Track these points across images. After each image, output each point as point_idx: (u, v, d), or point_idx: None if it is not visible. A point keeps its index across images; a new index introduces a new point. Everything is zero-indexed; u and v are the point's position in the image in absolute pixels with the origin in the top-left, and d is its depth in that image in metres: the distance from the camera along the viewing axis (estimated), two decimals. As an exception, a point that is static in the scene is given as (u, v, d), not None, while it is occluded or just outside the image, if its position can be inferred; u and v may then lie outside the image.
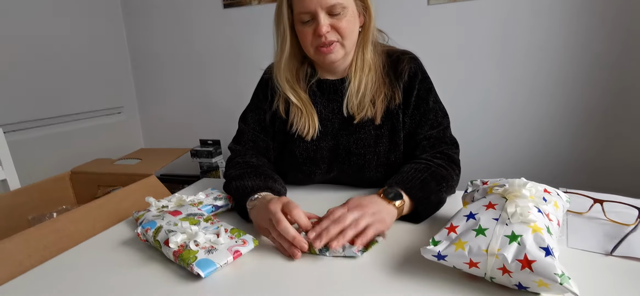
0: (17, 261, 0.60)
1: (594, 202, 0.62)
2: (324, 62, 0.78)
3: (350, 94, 0.79)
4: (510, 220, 0.45)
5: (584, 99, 1.52)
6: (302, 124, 0.80)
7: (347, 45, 0.76)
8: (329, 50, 0.74)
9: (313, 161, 0.81)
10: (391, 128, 0.79)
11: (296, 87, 0.81)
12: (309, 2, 0.70)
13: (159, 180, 0.93)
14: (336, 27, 0.72)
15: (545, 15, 1.49)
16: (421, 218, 0.66)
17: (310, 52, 0.77)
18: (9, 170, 1.07)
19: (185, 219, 0.62)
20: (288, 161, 0.84)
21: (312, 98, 0.82)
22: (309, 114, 0.80)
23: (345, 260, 0.54)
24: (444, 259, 0.46)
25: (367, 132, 0.79)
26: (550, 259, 0.40)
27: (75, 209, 0.73)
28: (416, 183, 0.66)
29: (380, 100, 0.78)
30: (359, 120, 0.78)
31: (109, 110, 2.02)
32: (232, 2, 1.87)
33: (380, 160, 0.79)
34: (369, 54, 0.79)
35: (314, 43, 0.75)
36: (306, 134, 0.80)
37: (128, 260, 0.58)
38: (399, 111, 0.78)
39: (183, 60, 2.06)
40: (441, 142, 0.77)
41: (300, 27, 0.75)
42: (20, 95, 1.57)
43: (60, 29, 1.73)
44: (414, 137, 0.78)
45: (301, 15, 0.73)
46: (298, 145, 0.81)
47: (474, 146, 1.69)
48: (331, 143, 0.81)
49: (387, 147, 0.79)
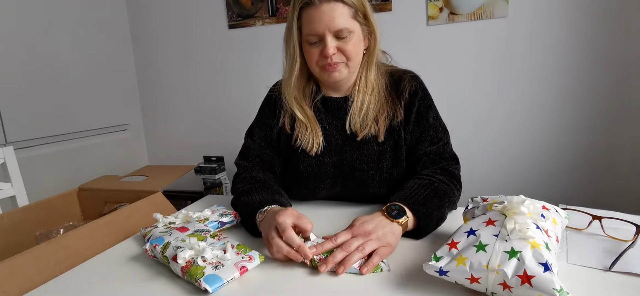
0: (27, 277, 0.61)
1: (592, 218, 0.63)
2: (328, 80, 0.81)
3: (353, 113, 0.81)
4: (510, 236, 0.47)
5: (585, 115, 1.55)
6: (306, 139, 0.82)
7: (351, 66, 0.79)
8: (333, 68, 0.77)
9: (317, 176, 0.83)
10: (394, 145, 0.81)
11: (302, 104, 0.84)
12: (318, 25, 0.73)
13: (165, 197, 0.95)
14: (342, 49, 0.76)
15: (544, 33, 1.53)
16: (423, 234, 0.66)
17: (316, 71, 0.80)
18: (18, 186, 1.09)
19: (192, 235, 0.63)
20: (292, 176, 0.85)
21: (317, 115, 0.84)
22: (313, 130, 0.83)
23: (349, 276, 0.55)
24: (445, 275, 0.48)
25: (370, 148, 0.81)
26: (549, 274, 0.42)
27: (84, 225, 0.75)
28: (419, 198, 0.68)
29: (382, 118, 0.81)
30: (362, 137, 0.81)
31: (115, 128, 2.06)
32: (236, 23, 1.93)
33: (383, 176, 0.80)
34: (372, 75, 0.82)
35: (319, 63, 0.78)
36: (310, 149, 0.82)
37: (136, 276, 0.59)
38: (401, 128, 0.80)
39: (188, 79, 2.11)
40: (442, 157, 0.79)
41: (308, 47, 0.78)
42: (30, 113, 1.60)
43: (69, 49, 1.78)
44: (415, 152, 0.80)
45: (309, 37, 0.76)
46: (302, 160, 0.83)
47: (476, 162, 1.71)
48: (335, 159, 0.83)
49: (390, 163, 0.80)
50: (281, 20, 1.83)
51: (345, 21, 0.74)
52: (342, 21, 0.73)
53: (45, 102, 1.67)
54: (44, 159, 1.67)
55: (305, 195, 0.87)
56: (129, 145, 2.16)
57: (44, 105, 1.66)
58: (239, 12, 1.91)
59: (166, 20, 2.06)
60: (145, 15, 2.10)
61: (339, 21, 0.73)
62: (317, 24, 0.73)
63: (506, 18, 1.55)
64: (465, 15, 1.59)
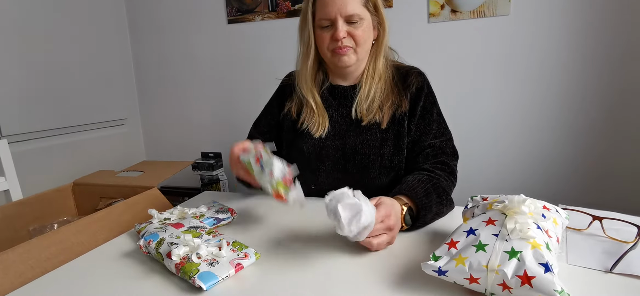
0: (19, 272, 0.60)
1: (593, 219, 0.62)
2: (338, 65, 0.85)
3: (360, 99, 0.86)
4: (510, 236, 0.46)
5: (587, 114, 1.54)
6: (313, 122, 0.88)
7: (359, 52, 0.84)
8: (343, 51, 0.82)
9: (319, 157, 0.86)
10: (396, 133, 0.84)
11: (314, 90, 0.89)
12: (330, 10, 0.79)
13: (161, 193, 0.94)
14: (352, 34, 0.81)
15: (546, 31, 1.52)
16: (418, 225, 0.68)
17: (327, 55, 0.85)
18: (12, 180, 1.07)
19: (187, 232, 0.62)
20: (295, 158, 0.87)
21: (325, 103, 0.89)
22: (320, 116, 0.88)
23: (347, 275, 0.54)
24: (444, 275, 0.47)
25: (373, 134, 0.84)
26: (549, 275, 0.41)
27: (77, 220, 0.74)
28: (420, 191, 0.71)
29: (387, 106, 0.84)
30: (366, 122, 0.85)
31: (112, 122, 2.04)
32: (236, 17, 1.91)
33: (384, 162, 0.83)
34: (380, 65, 0.87)
35: (330, 46, 0.83)
36: (315, 132, 0.87)
37: (130, 272, 0.58)
38: (405, 118, 0.84)
39: (186, 74, 2.09)
40: (443, 152, 0.82)
41: (320, 32, 0.83)
42: (25, 106, 1.59)
43: (65, 42, 1.76)
44: (419, 143, 0.83)
45: (322, 21, 0.82)
46: (306, 142, 0.87)
47: (476, 160, 1.70)
48: (338, 142, 0.86)
49: (391, 150, 0.83)
50: (281, 16, 1.81)
51: (356, 7, 0.79)
52: (354, 7, 0.79)
53: (42, 96, 1.65)
54: (41, 153, 1.65)
55: (307, 178, 0.88)
56: (126, 140, 2.15)
57: (40, 99, 1.64)
58: (238, 7, 1.89)
59: (165, 14, 2.04)
60: (143, 9, 2.08)
61: (351, 7, 0.78)
62: (330, 8, 0.79)
63: (508, 16, 1.54)
64: (467, 13, 1.58)
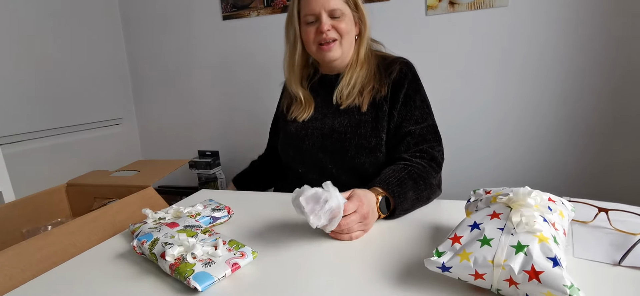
0: (9, 275, 0.58)
1: (598, 210, 0.61)
2: (324, 59, 0.91)
3: (342, 86, 0.92)
4: (516, 229, 0.44)
5: (585, 105, 1.52)
6: (300, 111, 0.97)
7: (344, 44, 0.90)
8: (328, 47, 0.88)
9: (300, 137, 0.95)
10: (374, 117, 0.88)
11: (301, 85, 0.98)
12: (314, 5, 0.87)
13: (156, 192, 0.92)
14: (336, 27, 0.88)
15: (546, 23, 1.50)
16: (396, 215, 0.70)
17: (313, 49, 0.91)
18: (4, 182, 1.05)
19: (182, 231, 0.61)
20: (282, 139, 1.01)
21: (314, 94, 0.98)
22: (307, 104, 0.97)
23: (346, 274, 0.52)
24: (448, 271, 0.45)
25: (351, 116, 0.90)
26: (558, 270, 0.39)
27: (70, 222, 0.72)
28: (394, 181, 0.73)
29: (367, 91, 0.90)
30: (345, 106, 0.90)
31: (107, 122, 2.01)
32: (231, 14, 1.89)
33: (361, 142, 0.87)
34: (363, 56, 0.93)
35: (316, 40, 0.89)
36: (299, 116, 0.96)
37: (124, 274, 0.56)
38: (384, 103, 0.88)
39: (182, 72, 2.07)
40: (423, 139, 0.85)
41: (305, 27, 0.90)
42: (18, 107, 1.56)
43: (58, 40, 1.73)
44: (400, 129, 0.87)
45: (307, 17, 0.88)
46: (291, 125, 0.98)
47: (474, 154, 1.68)
48: (319, 124, 0.94)
49: (368, 132, 0.87)
50: (276, 11, 1.78)
51: (338, 3, 0.87)
52: (336, 2, 0.87)
53: (34, 96, 1.62)
54: (35, 154, 1.63)
55: (292, 157, 0.97)
56: (122, 139, 2.12)
57: (33, 99, 1.62)
58: (233, 3, 1.87)
59: (159, 10, 2.01)
60: (137, 6, 2.05)
61: (333, 2, 0.86)
62: (314, 4, 0.86)
63: (507, 7, 1.52)
64: (465, 5, 1.56)
